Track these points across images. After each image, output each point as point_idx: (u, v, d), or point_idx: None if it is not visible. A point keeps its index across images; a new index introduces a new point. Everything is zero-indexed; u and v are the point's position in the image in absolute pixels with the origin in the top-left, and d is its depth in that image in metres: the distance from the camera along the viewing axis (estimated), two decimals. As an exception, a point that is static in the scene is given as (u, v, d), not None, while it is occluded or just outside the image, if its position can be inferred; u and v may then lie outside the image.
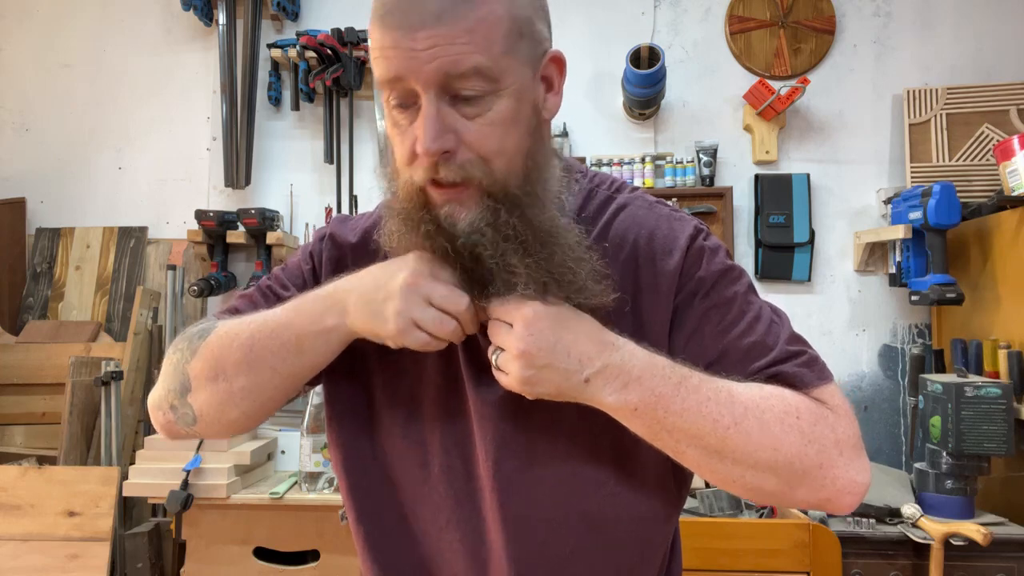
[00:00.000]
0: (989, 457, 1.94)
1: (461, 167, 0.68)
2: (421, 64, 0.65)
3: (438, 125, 0.67)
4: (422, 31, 0.65)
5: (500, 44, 0.67)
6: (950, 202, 2.21)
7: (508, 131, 0.69)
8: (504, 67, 0.68)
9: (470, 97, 0.67)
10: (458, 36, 0.65)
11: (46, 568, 2.08)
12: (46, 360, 2.57)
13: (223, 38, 2.76)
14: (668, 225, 0.80)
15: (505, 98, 0.69)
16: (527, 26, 0.70)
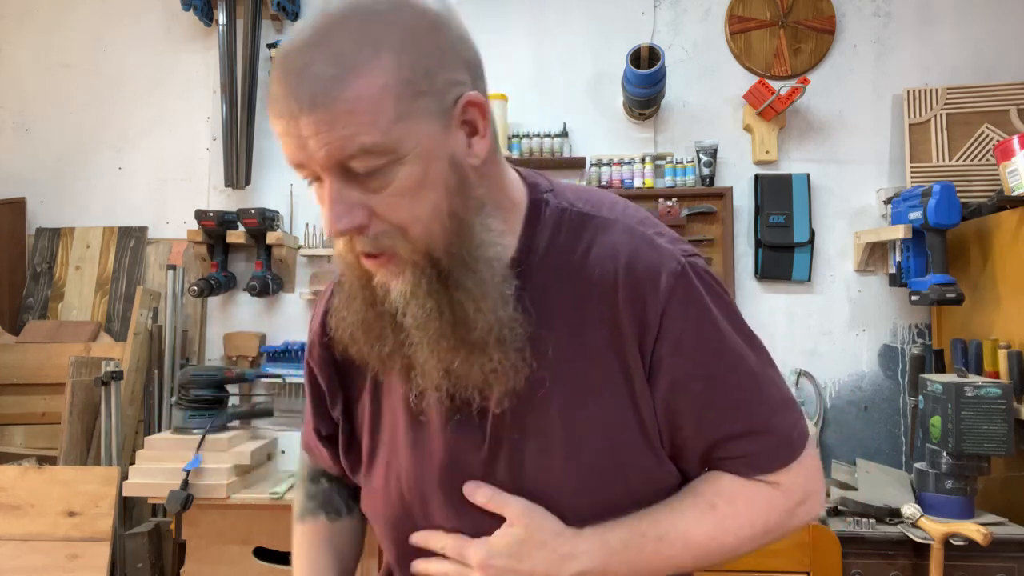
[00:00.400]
0: (989, 457, 1.94)
1: (376, 240, 0.67)
2: (311, 151, 0.63)
3: (340, 207, 0.65)
4: (303, 118, 0.62)
5: (389, 114, 0.62)
6: (950, 202, 2.21)
7: (418, 197, 0.66)
8: (399, 136, 0.63)
9: (369, 171, 0.64)
10: (337, 119, 0.61)
11: (46, 568, 2.08)
12: (46, 360, 2.57)
13: (223, 38, 2.76)
14: (649, 256, 0.75)
15: (408, 165, 0.65)
16: (425, 81, 0.64)
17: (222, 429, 2.21)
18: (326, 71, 0.61)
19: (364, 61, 0.62)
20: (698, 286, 0.75)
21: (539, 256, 0.76)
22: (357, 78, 0.61)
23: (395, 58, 0.63)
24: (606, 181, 2.63)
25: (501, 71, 2.77)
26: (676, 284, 0.73)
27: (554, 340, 0.74)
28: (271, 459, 2.36)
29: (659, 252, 0.75)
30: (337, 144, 0.62)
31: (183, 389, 2.21)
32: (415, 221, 0.67)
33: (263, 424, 2.48)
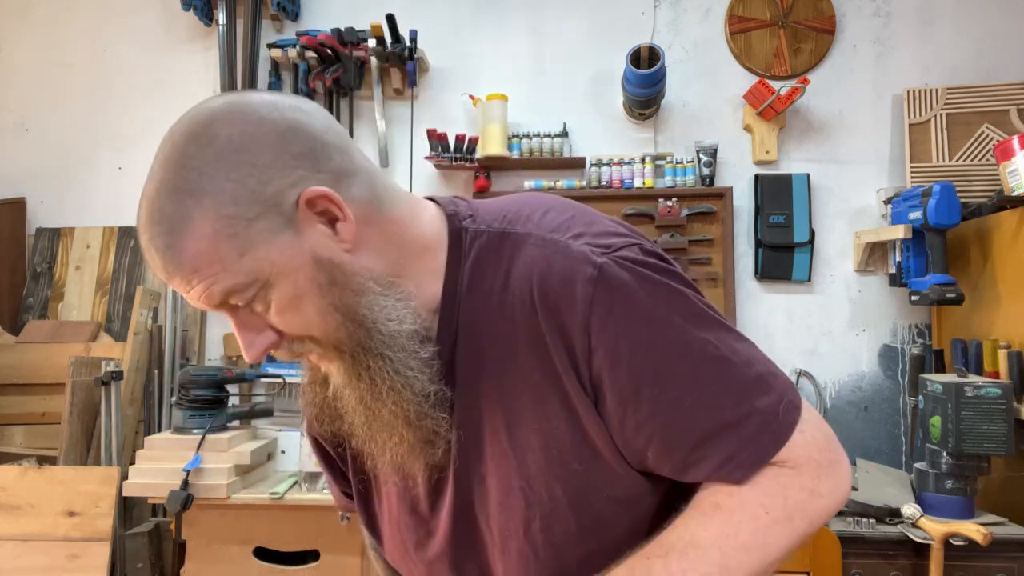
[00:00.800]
0: (989, 457, 1.94)
1: (291, 348, 0.70)
2: (194, 300, 0.67)
3: (247, 335, 0.69)
4: (171, 281, 0.66)
5: (230, 254, 0.63)
6: (950, 202, 2.21)
7: (300, 308, 0.67)
8: (250, 268, 0.64)
9: (247, 304, 0.67)
10: (191, 278, 0.64)
11: (46, 568, 2.08)
12: (46, 360, 2.57)
13: (223, 38, 2.76)
14: (561, 266, 0.68)
15: (274, 286, 0.65)
16: (253, 205, 0.63)
17: (222, 429, 2.21)
18: (162, 242, 0.64)
19: (186, 218, 0.63)
20: (624, 283, 0.67)
21: (464, 292, 0.72)
22: (187, 237, 0.63)
23: (214, 199, 0.63)
24: (606, 181, 2.63)
25: (501, 71, 2.77)
26: (594, 291, 0.66)
27: (487, 383, 0.72)
28: (271, 459, 2.36)
29: (571, 259, 0.68)
30: (203, 297, 0.65)
31: (183, 389, 2.21)
32: (310, 327, 0.68)
33: (263, 424, 2.48)
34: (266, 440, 2.31)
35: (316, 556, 2.08)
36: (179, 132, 0.67)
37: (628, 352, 0.67)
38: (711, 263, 2.61)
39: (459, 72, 2.79)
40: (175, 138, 0.67)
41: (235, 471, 2.09)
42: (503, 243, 0.72)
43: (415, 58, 2.64)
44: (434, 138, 2.59)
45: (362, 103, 2.80)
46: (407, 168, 2.73)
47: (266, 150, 0.65)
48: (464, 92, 2.73)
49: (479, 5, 2.80)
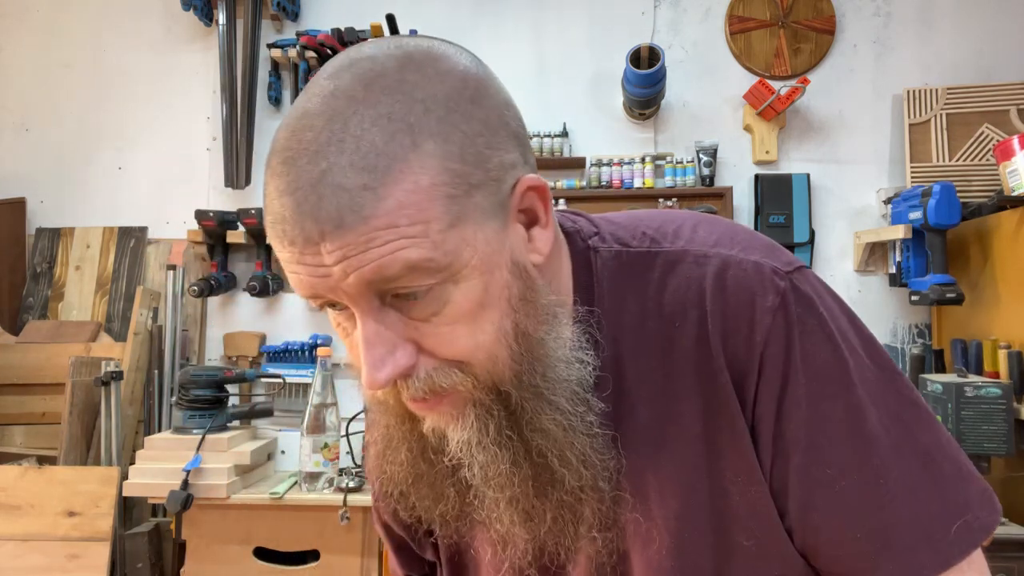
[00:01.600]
0: (989, 457, 1.94)
1: (428, 380, 0.52)
2: (336, 282, 0.48)
3: (380, 350, 0.50)
4: (325, 243, 0.47)
5: (440, 219, 0.48)
6: (950, 202, 2.21)
7: (478, 322, 0.51)
8: (453, 245, 0.48)
9: (415, 295, 0.50)
10: (375, 237, 0.46)
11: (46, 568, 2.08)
12: (46, 360, 2.57)
13: (223, 38, 2.76)
14: (737, 285, 0.56)
15: (464, 282, 0.50)
16: (478, 170, 0.50)
17: (222, 429, 2.21)
18: (353, 179, 0.46)
19: (402, 158, 0.46)
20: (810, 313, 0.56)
21: (604, 328, 0.58)
22: (396, 182, 0.46)
23: (440, 146, 0.48)
24: (606, 181, 2.63)
25: (501, 71, 2.75)
26: (773, 319, 0.55)
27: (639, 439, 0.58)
28: (271, 459, 2.36)
29: (749, 277, 0.56)
30: (374, 267, 0.47)
31: (183, 389, 2.21)
32: (476, 350, 0.51)
33: (263, 424, 2.48)
34: (266, 440, 2.31)
35: (316, 556, 2.08)
36: (384, 55, 0.50)
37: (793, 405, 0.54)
38: (711, 263, 2.60)
39: (459, 72, 2.78)
40: (379, 60, 0.49)
41: (235, 471, 2.09)
42: (650, 264, 0.59)
43: (415, 58, 2.64)
44: (434, 138, 2.59)
45: (362, 103, 2.79)
46: (407, 168, 2.73)
47: (493, 113, 0.51)
48: (464, 92, 2.72)
49: (479, 5, 2.80)
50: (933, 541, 0.53)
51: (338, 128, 0.47)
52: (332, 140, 0.46)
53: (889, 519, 0.53)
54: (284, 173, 0.48)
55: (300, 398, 2.62)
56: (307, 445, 2.12)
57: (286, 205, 0.47)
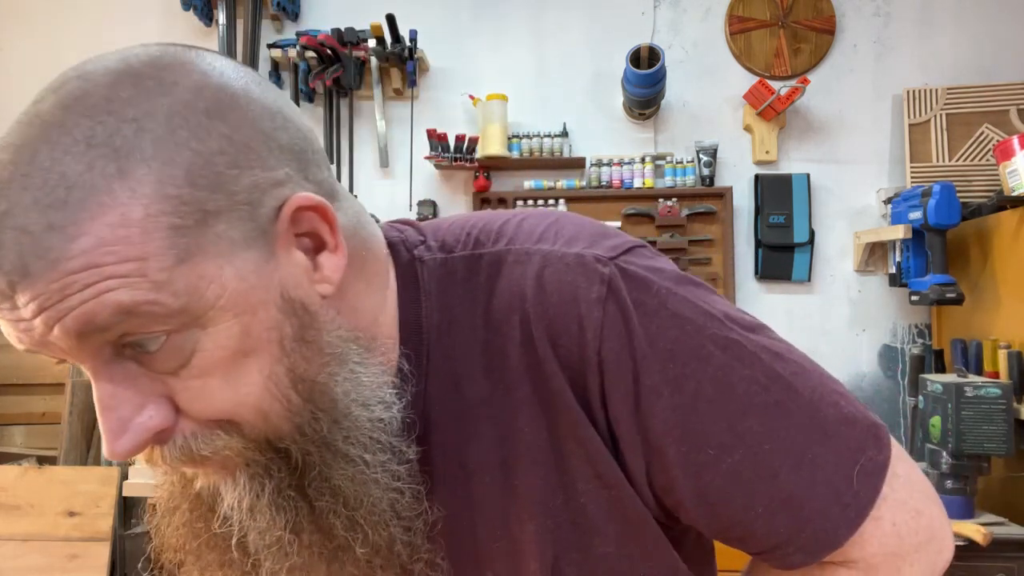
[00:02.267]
0: (989, 457, 1.94)
1: (185, 447, 0.44)
2: (42, 336, 0.40)
3: (120, 412, 0.42)
4: (17, 295, 0.39)
5: (162, 255, 0.40)
6: (950, 202, 2.21)
7: (239, 372, 0.43)
8: (186, 283, 0.40)
9: (146, 345, 0.41)
10: (70, 281, 0.38)
11: (46, 568, 2.08)
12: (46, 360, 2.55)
13: (223, 38, 2.76)
14: (558, 281, 0.50)
15: (213, 326, 0.42)
16: (218, 193, 0.42)
17: (222, 429, 2.21)
18: (36, 220, 0.38)
19: (103, 188, 0.39)
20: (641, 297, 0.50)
21: (430, 341, 0.53)
22: (94, 218, 0.38)
23: (158, 170, 0.40)
24: (606, 181, 2.63)
25: (501, 71, 2.77)
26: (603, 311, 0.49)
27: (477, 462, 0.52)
28: (271, 459, 2.36)
29: (569, 271, 0.51)
30: (77, 315, 0.39)
31: (183, 389, 2.21)
32: (239, 406, 0.44)
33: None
34: (266, 440, 2.31)
35: (316, 556, 2.08)
36: (100, 69, 0.42)
37: (652, 394, 0.49)
38: (711, 263, 2.61)
39: (459, 72, 2.79)
40: (90, 77, 0.41)
41: (235, 471, 2.09)
42: (474, 268, 0.53)
43: (415, 58, 2.64)
44: (434, 138, 2.59)
45: (362, 103, 2.80)
46: (407, 168, 2.73)
47: (246, 126, 0.44)
48: (464, 92, 2.72)
49: (479, 5, 2.80)
50: (840, 497, 0.50)
51: (24, 160, 0.39)
52: (16, 175, 0.39)
53: (787, 487, 0.50)
54: None
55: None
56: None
57: None
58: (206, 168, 0.41)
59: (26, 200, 0.38)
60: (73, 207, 0.38)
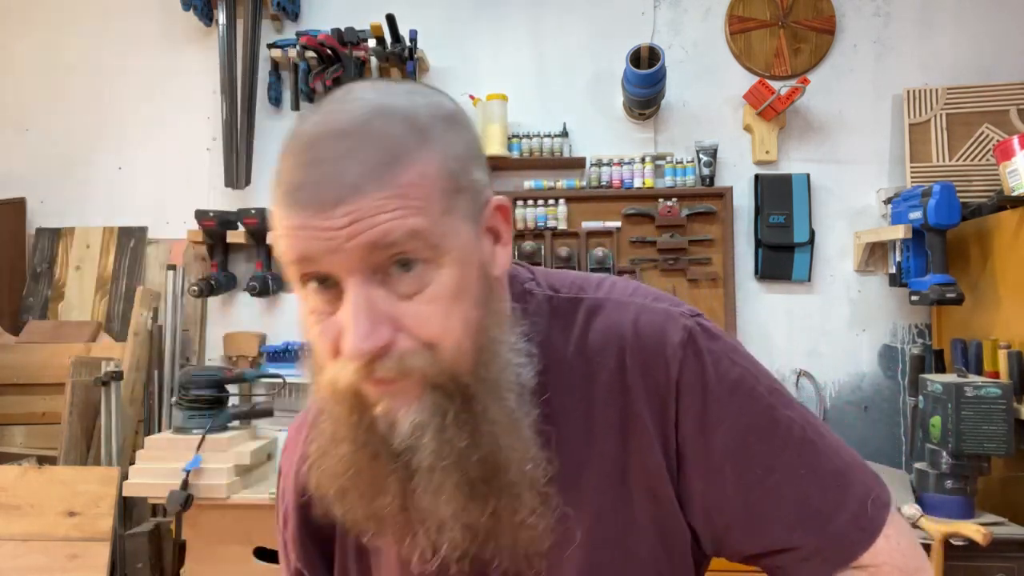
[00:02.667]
0: (989, 457, 1.94)
1: (400, 360, 0.55)
2: (340, 244, 0.53)
3: (370, 318, 0.54)
4: (340, 207, 0.53)
5: (438, 204, 0.55)
6: (950, 202, 2.21)
7: (453, 307, 0.56)
8: (444, 230, 0.56)
9: (407, 266, 0.55)
10: (385, 204, 0.53)
11: (46, 568, 2.08)
12: (46, 360, 2.57)
13: (223, 38, 2.76)
14: (651, 326, 0.66)
15: (447, 268, 0.56)
16: (465, 178, 0.58)
17: (222, 429, 2.21)
18: (374, 157, 0.54)
19: (414, 148, 0.55)
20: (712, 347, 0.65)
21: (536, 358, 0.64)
22: (409, 165, 0.54)
23: (442, 149, 0.57)
24: (606, 181, 2.63)
25: (501, 71, 2.77)
26: (683, 352, 0.64)
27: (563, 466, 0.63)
28: (271, 459, 2.36)
29: (660, 319, 0.66)
30: (381, 230, 0.53)
31: (183, 389, 2.21)
32: (447, 335, 0.56)
33: (263, 424, 2.48)
34: (266, 440, 2.31)
35: (316, 556, 2.08)
36: (396, 86, 0.61)
37: (716, 421, 0.63)
38: (711, 263, 2.61)
39: (459, 72, 2.79)
40: (392, 85, 0.60)
41: (235, 471, 2.09)
42: (575, 308, 0.68)
43: (415, 58, 2.64)
44: (434, 138, 2.59)
45: (362, 103, 2.79)
46: (407, 168, 2.73)
47: (473, 140, 0.62)
48: (464, 92, 2.72)
49: (479, 5, 2.80)
50: (858, 520, 0.64)
51: (362, 122, 0.55)
52: (357, 129, 0.55)
53: (817, 507, 0.63)
54: (308, 149, 0.55)
55: (300, 398, 2.62)
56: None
57: (308, 174, 0.54)
58: (462, 158, 0.59)
59: (367, 145, 0.54)
60: (398, 156, 0.54)
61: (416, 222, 0.54)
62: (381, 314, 0.55)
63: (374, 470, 0.60)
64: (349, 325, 0.54)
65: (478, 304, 0.58)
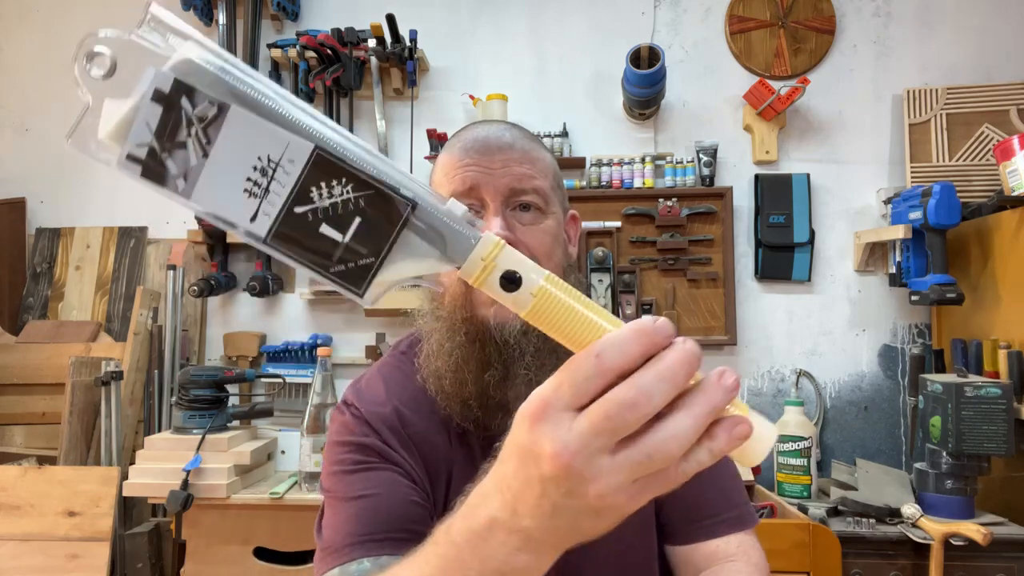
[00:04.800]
0: (989, 457, 1.94)
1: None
2: (495, 179, 0.84)
3: (503, 221, 0.83)
4: (498, 155, 0.85)
5: (550, 180, 0.89)
6: (950, 202, 2.21)
7: (553, 243, 0.86)
8: (551, 197, 0.88)
9: (527, 209, 0.85)
10: (524, 161, 0.86)
11: (46, 568, 2.08)
12: (46, 360, 2.57)
13: (223, 38, 2.76)
14: None
15: (551, 219, 0.87)
16: (560, 181, 0.94)
17: (222, 429, 2.21)
18: (520, 136, 0.89)
19: (541, 147, 0.92)
20: None
21: None
22: (539, 149, 0.91)
23: (551, 158, 0.94)
24: (606, 181, 2.63)
25: (501, 71, 2.77)
26: None
27: None
28: (271, 459, 2.36)
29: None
30: (518, 175, 0.85)
31: (183, 389, 2.21)
32: (550, 258, 0.85)
33: (263, 424, 2.48)
34: (266, 440, 2.31)
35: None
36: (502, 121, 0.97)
37: None
38: (711, 263, 2.61)
39: (459, 72, 2.79)
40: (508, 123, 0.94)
41: (235, 471, 2.09)
42: None
43: (415, 58, 2.64)
44: (434, 138, 2.59)
45: (362, 103, 2.80)
46: (407, 168, 2.73)
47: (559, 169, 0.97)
48: (464, 92, 2.72)
49: (479, 5, 2.80)
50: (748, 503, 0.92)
51: (508, 126, 0.91)
52: (508, 127, 0.91)
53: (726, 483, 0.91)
54: (478, 127, 0.90)
55: (300, 398, 2.62)
56: (307, 445, 2.12)
57: (481, 134, 0.88)
58: (558, 171, 0.96)
59: (514, 130, 0.91)
60: (532, 139, 0.93)
61: (540, 183, 0.87)
62: (510, 223, 0.84)
63: (482, 355, 0.81)
64: (490, 223, 0.82)
65: (560, 261, 0.88)
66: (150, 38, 0.50)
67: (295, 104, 0.45)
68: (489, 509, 0.47)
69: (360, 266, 0.45)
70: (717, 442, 0.41)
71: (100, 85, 0.50)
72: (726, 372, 0.42)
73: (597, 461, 0.40)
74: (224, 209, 0.45)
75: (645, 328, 0.41)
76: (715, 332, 2.59)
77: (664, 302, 2.60)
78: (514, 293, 0.45)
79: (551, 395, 0.42)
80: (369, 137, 2.77)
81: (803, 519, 1.91)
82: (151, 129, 0.46)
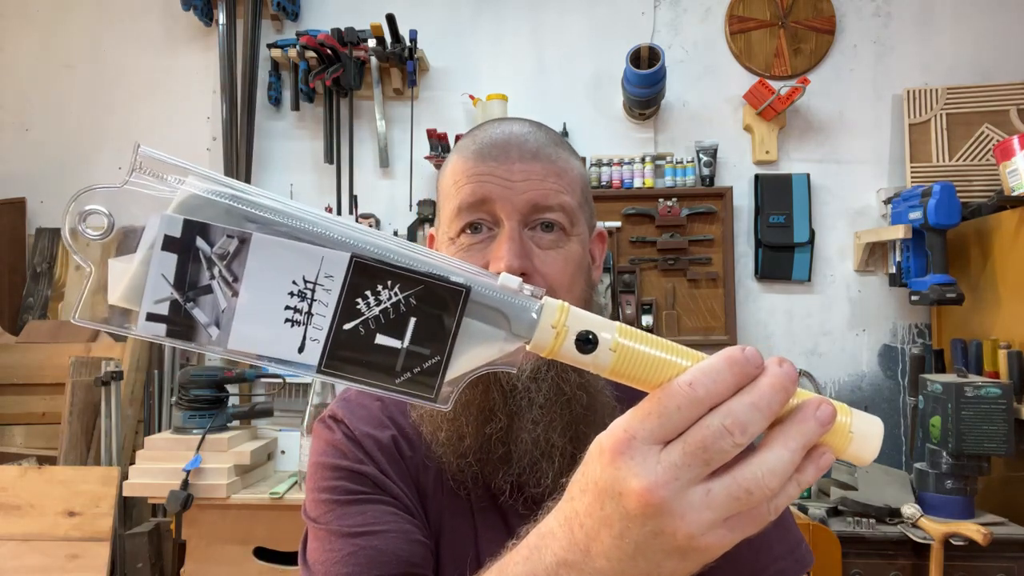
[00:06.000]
0: (989, 457, 1.94)
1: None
2: (513, 193, 0.71)
3: (519, 247, 0.70)
4: (519, 164, 0.72)
5: (578, 195, 0.76)
6: (950, 202, 2.21)
7: (576, 271, 0.74)
8: (578, 215, 0.75)
9: (549, 228, 0.73)
10: (549, 174, 0.72)
11: (46, 568, 2.08)
12: (46, 360, 2.57)
13: (223, 38, 2.76)
14: None
15: (575, 242, 0.74)
16: (588, 195, 0.80)
17: (222, 429, 2.21)
18: (547, 142, 0.75)
19: (570, 154, 0.77)
20: None
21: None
22: (568, 157, 0.76)
23: (581, 167, 0.79)
24: (606, 181, 2.63)
25: (501, 71, 2.77)
26: None
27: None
28: (271, 459, 2.36)
29: None
30: (542, 192, 0.72)
31: (183, 389, 2.21)
32: (569, 289, 0.73)
33: (263, 424, 2.48)
34: (266, 440, 2.31)
35: (316, 556, 2.08)
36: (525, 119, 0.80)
37: None
38: (711, 263, 2.61)
39: (459, 72, 2.79)
40: (531, 121, 0.79)
41: (235, 471, 2.09)
42: None
43: (415, 58, 2.64)
44: (434, 138, 2.59)
45: (362, 103, 2.80)
46: (407, 168, 2.73)
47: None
48: (464, 92, 2.72)
49: (479, 5, 2.80)
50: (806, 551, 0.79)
51: (535, 127, 0.77)
52: (534, 128, 0.77)
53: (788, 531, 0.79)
54: (499, 125, 0.76)
55: (300, 398, 2.62)
56: (307, 445, 2.12)
57: (500, 137, 0.74)
58: (588, 183, 0.81)
59: (540, 133, 0.76)
60: (560, 145, 0.77)
61: (567, 200, 0.73)
62: (526, 249, 0.71)
63: (484, 401, 0.71)
64: (503, 249, 0.70)
65: (585, 288, 0.76)
66: (145, 182, 0.45)
67: (316, 214, 0.41)
68: (556, 550, 0.43)
69: (426, 369, 0.42)
70: (805, 475, 0.40)
71: (99, 247, 0.44)
72: (823, 404, 0.40)
73: (688, 496, 0.38)
74: (268, 347, 0.40)
75: (736, 357, 0.39)
76: (715, 332, 2.59)
77: (664, 302, 2.60)
78: (592, 354, 0.42)
79: (636, 426, 0.39)
80: (369, 137, 2.77)
81: (803, 519, 1.91)
82: (169, 280, 0.41)
